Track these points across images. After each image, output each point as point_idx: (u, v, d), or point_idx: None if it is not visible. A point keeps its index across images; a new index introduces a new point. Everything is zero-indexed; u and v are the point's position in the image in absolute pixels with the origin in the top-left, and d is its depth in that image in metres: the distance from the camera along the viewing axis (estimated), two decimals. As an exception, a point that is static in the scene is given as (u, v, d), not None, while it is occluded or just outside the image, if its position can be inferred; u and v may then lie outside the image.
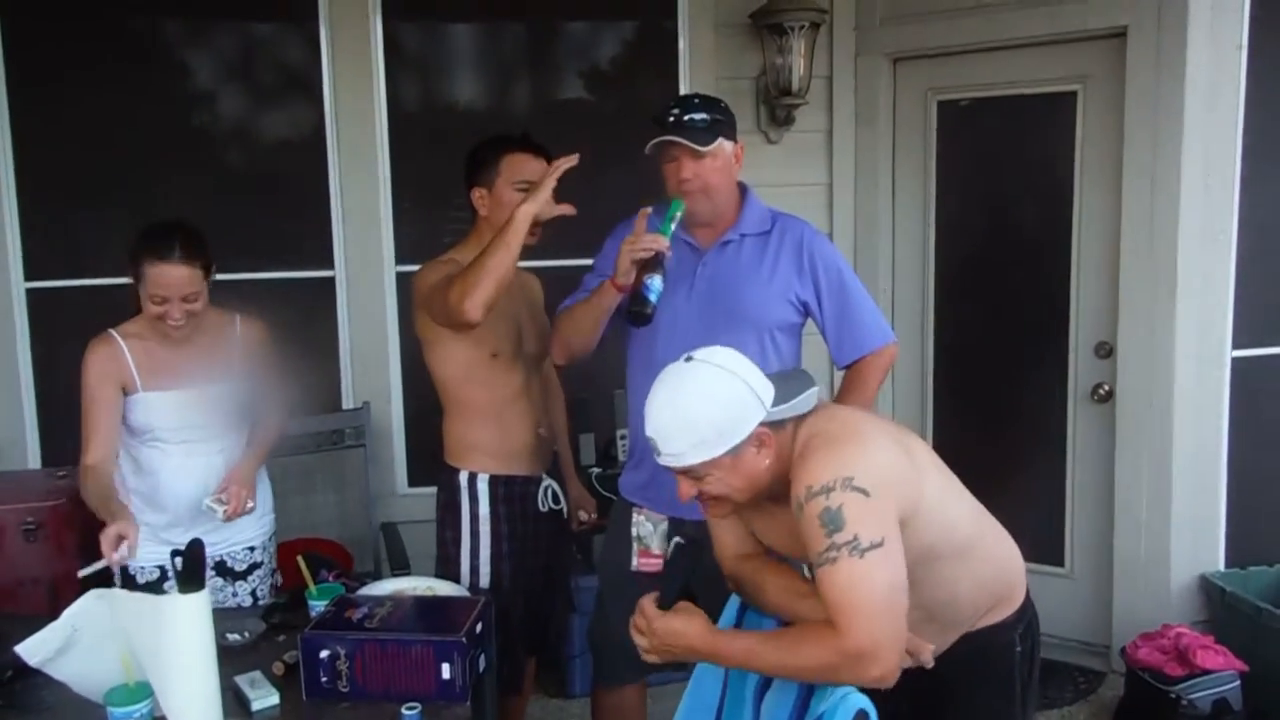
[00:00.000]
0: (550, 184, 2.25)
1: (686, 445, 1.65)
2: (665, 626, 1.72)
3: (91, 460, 2.37)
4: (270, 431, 2.58)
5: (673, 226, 2.27)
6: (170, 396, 2.44)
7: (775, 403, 1.68)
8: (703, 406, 1.64)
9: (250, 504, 2.42)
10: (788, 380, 1.73)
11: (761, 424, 1.66)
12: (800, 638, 1.62)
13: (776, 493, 1.73)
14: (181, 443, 2.48)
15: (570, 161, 2.25)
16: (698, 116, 2.30)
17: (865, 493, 1.58)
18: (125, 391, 2.43)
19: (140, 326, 2.45)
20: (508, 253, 2.24)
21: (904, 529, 1.63)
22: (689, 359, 1.70)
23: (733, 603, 1.98)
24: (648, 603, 1.77)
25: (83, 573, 2.15)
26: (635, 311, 2.23)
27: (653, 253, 2.20)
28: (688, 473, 1.70)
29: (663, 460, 1.70)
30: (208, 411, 2.46)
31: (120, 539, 2.13)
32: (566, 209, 2.30)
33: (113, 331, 2.45)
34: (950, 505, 1.78)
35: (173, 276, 2.29)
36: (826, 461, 1.62)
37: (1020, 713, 1.92)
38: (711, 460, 1.66)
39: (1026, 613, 1.91)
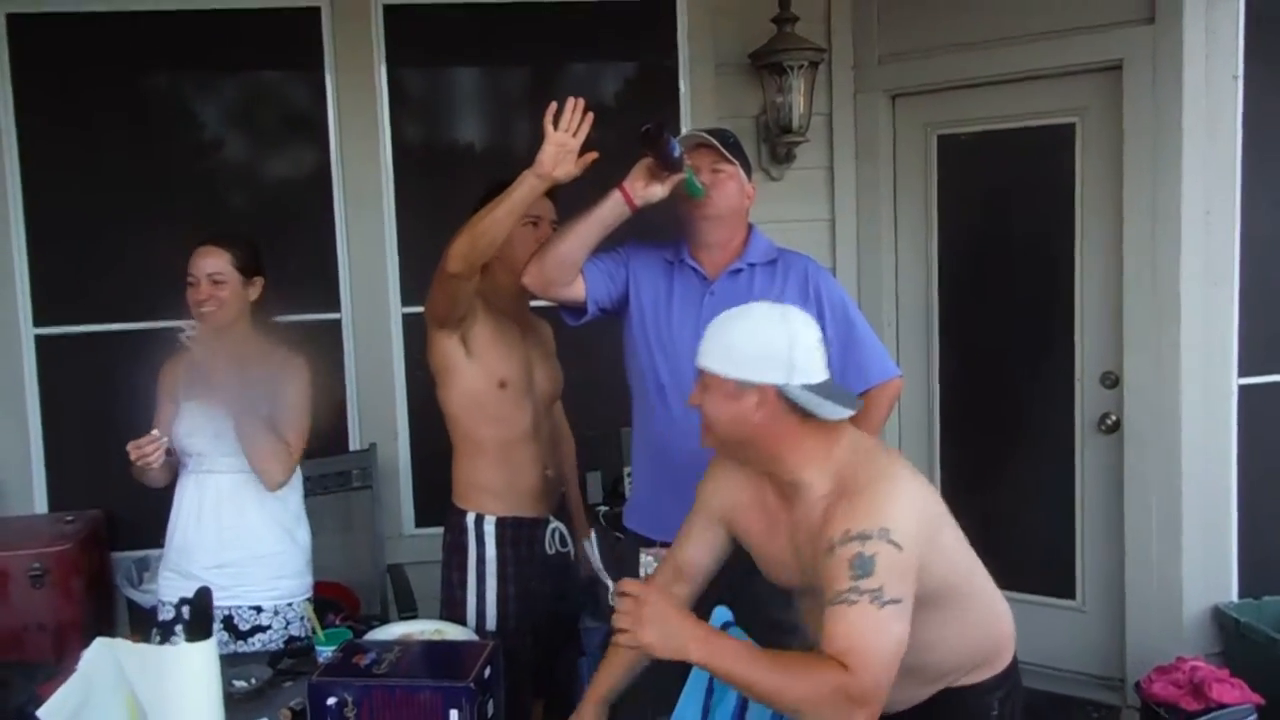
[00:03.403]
0: (552, 135, 2.15)
1: (715, 348, 1.78)
2: (661, 604, 1.68)
3: None
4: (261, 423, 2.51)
5: (690, 174, 2.28)
6: (198, 407, 2.52)
7: (805, 388, 1.74)
8: (747, 332, 1.77)
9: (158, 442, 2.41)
10: (836, 390, 1.80)
11: (775, 387, 1.72)
12: (802, 662, 1.61)
13: (771, 473, 1.80)
14: (197, 469, 2.54)
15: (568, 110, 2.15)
16: (726, 138, 2.38)
17: (899, 547, 1.62)
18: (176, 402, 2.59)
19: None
20: (495, 210, 2.22)
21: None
22: (785, 307, 1.84)
23: (718, 615, 1.98)
24: (632, 582, 1.74)
25: None
26: (653, 129, 2.14)
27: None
28: (701, 377, 1.80)
29: (699, 355, 1.82)
30: (222, 422, 2.49)
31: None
32: (587, 157, 2.20)
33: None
34: (957, 557, 1.80)
35: (201, 257, 2.53)
36: (868, 510, 1.65)
37: None
38: (719, 376, 1.76)
39: (1010, 678, 1.86)
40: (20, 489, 3.66)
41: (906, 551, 1.62)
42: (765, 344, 1.75)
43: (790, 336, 1.75)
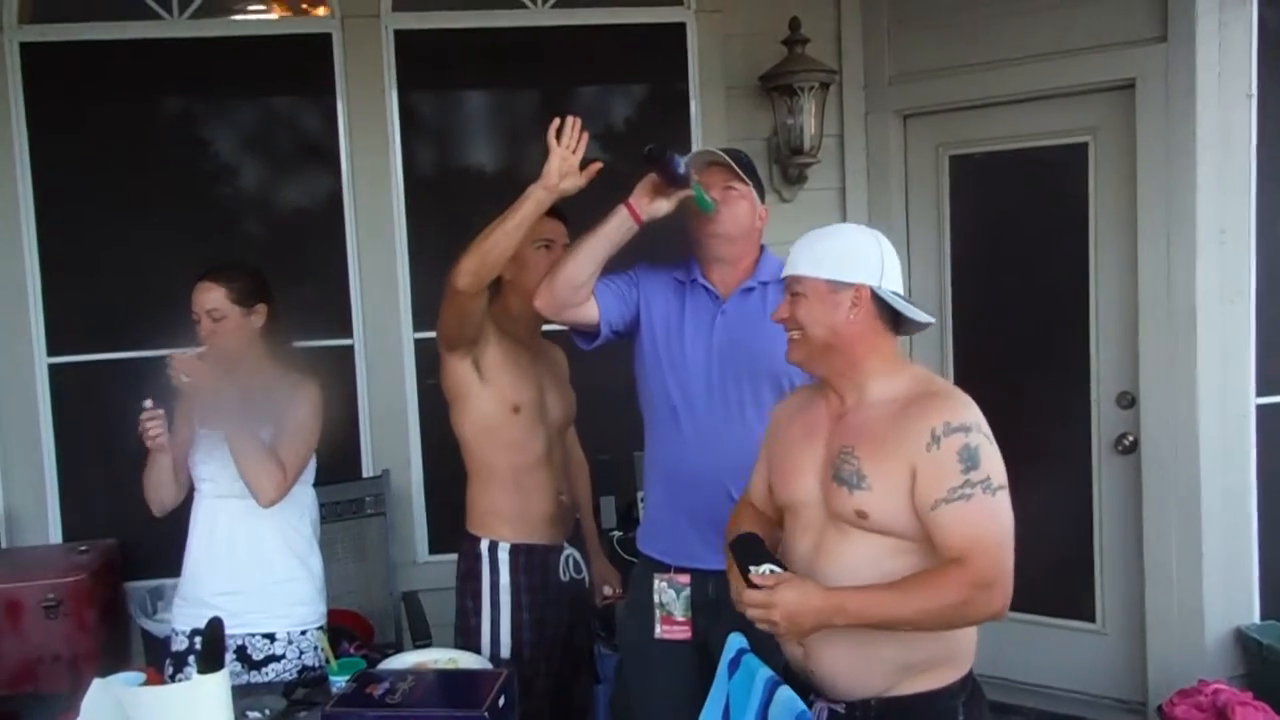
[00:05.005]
0: (556, 149, 2.21)
1: (805, 256, 1.86)
2: (784, 601, 1.70)
3: None
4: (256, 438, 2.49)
5: (699, 190, 2.29)
6: (211, 432, 2.51)
7: (895, 294, 1.84)
8: (839, 238, 1.89)
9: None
10: (918, 308, 1.89)
11: (869, 287, 1.82)
12: (928, 579, 1.70)
13: (843, 379, 1.86)
14: (211, 495, 2.54)
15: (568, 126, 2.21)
16: (740, 158, 2.39)
17: (990, 440, 1.76)
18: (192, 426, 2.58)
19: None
20: (503, 224, 2.24)
21: None
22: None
23: (732, 642, 1.97)
24: (751, 593, 1.73)
25: None
26: (655, 150, 2.18)
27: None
28: (793, 285, 1.87)
29: (786, 268, 1.90)
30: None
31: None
32: (592, 168, 2.24)
33: None
34: None
35: (199, 294, 2.54)
36: (957, 407, 1.77)
37: None
38: (813, 279, 1.83)
39: (968, 685, 1.86)
40: (34, 519, 3.66)
41: (995, 447, 1.76)
42: (856, 247, 1.85)
43: (879, 243, 1.86)
